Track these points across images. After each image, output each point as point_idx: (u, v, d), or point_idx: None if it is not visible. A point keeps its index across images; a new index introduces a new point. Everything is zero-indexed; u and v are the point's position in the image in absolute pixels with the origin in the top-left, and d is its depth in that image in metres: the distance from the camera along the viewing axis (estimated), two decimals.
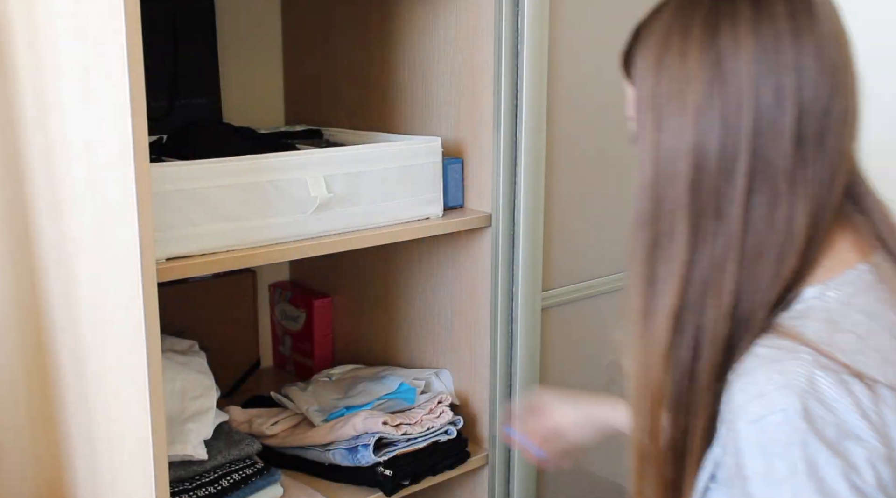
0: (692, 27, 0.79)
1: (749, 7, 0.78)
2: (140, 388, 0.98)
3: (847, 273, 0.80)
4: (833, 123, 0.78)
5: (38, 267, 1.13)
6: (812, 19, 0.78)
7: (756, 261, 0.78)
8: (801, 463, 0.71)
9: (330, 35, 1.56)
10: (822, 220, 0.79)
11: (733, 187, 0.77)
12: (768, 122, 0.76)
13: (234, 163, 1.09)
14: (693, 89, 0.78)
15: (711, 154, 0.77)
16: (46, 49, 1.03)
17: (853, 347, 0.74)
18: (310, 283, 1.71)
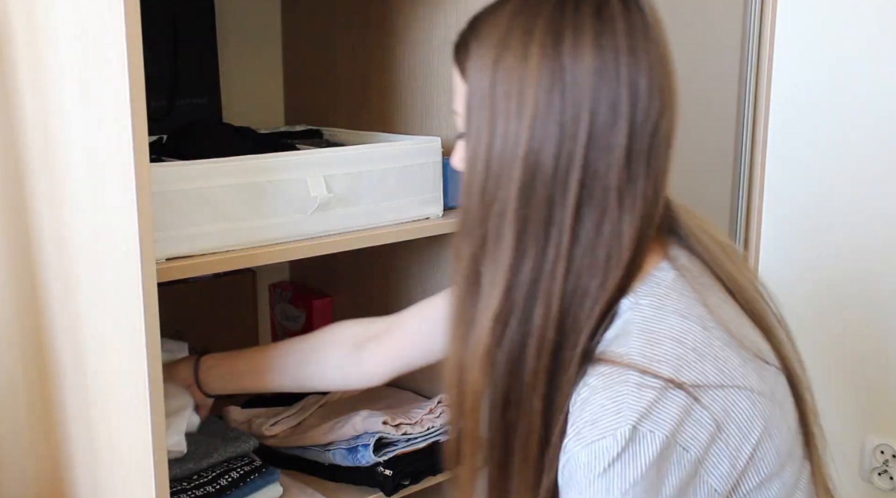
0: (534, 30, 0.78)
1: (592, 18, 0.78)
2: (140, 388, 0.98)
3: (652, 276, 0.83)
4: (659, 142, 0.79)
5: (38, 267, 1.13)
6: (647, 40, 0.79)
7: (583, 271, 0.79)
8: (615, 479, 0.75)
9: (330, 35, 1.56)
10: (646, 234, 0.81)
11: (565, 198, 0.78)
12: (603, 136, 0.77)
13: (234, 163, 1.09)
14: (532, 94, 0.77)
15: (546, 162, 0.77)
16: (46, 49, 1.03)
17: (674, 353, 0.78)
18: (310, 283, 1.71)
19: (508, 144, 0.79)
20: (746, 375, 0.80)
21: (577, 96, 0.77)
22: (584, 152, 0.77)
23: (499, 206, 0.80)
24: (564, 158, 0.77)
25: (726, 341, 0.81)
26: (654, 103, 0.78)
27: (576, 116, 0.77)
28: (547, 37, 0.78)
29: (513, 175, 0.79)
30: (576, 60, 0.77)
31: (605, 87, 0.77)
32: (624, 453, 0.74)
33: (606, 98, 0.77)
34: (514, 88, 0.78)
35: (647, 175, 0.79)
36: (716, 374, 0.78)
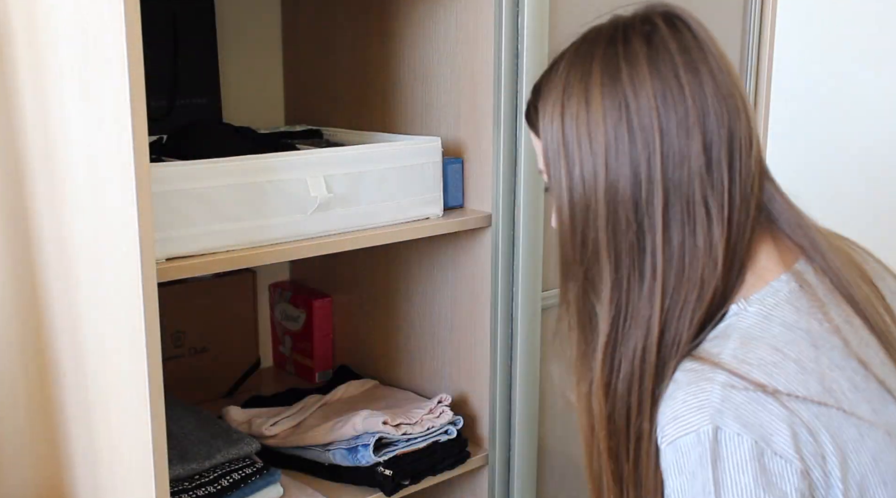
0: (591, 73, 0.82)
1: (643, 46, 0.81)
2: (140, 388, 0.98)
3: (769, 286, 0.82)
4: (739, 145, 0.81)
5: (38, 267, 1.13)
6: (702, 52, 0.82)
7: (680, 288, 0.80)
8: (710, 484, 0.73)
9: (330, 35, 1.56)
10: (741, 240, 0.81)
11: (652, 220, 0.80)
12: (678, 153, 0.79)
13: (234, 163, 1.09)
14: (601, 132, 0.80)
15: (625, 191, 0.80)
16: (46, 49, 1.03)
17: (770, 360, 0.76)
18: (310, 283, 1.71)
19: (587, 184, 0.81)
20: (855, 401, 0.76)
21: (643, 120, 0.79)
22: (662, 173, 0.79)
23: (592, 246, 0.82)
24: (644, 183, 0.79)
25: (839, 363, 0.78)
26: (723, 109, 0.80)
27: (647, 141, 0.79)
28: (605, 76, 0.81)
29: (598, 212, 0.81)
30: (636, 89, 0.80)
31: (670, 107, 0.79)
32: (712, 455, 0.72)
33: (674, 117, 0.79)
34: (584, 131, 0.81)
35: (731, 181, 0.80)
36: (819, 391, 0.75)
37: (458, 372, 1.43)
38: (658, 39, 0.82)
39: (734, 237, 0.81)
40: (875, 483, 0.76)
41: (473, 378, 1.40)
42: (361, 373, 1.60)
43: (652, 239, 0.80)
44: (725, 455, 0.72)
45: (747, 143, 0.82)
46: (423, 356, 1.49)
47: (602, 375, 0.83)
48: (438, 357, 1.46)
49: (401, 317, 1.52)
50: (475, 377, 1.40)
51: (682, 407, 0.75)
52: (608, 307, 0.82)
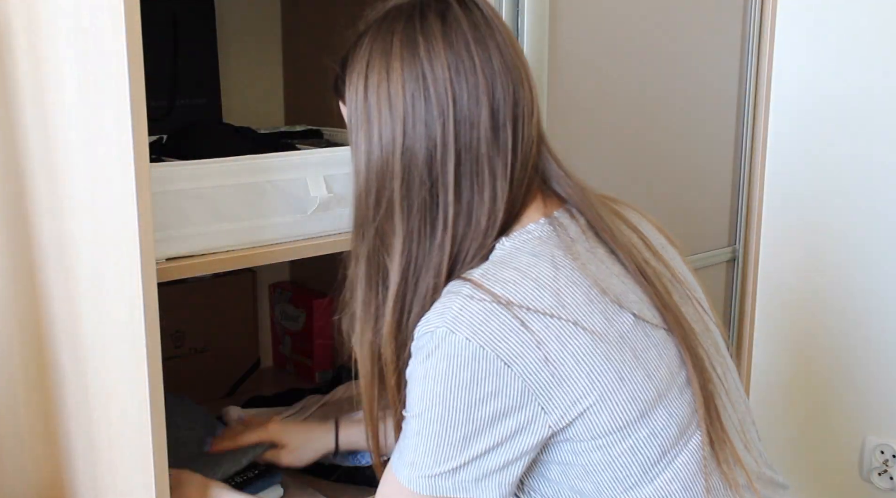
0: (392, 47, 0.92)
1: (438, 23, 0.91)
2: (140, 388, 0.98)
3: (526, 228, 0.94)
4: (522, 112, 0.92)
5: (38, 267, 1.13)
6: (490, 28, 0.92)
7: (466, 237, 0.92)
8: (429, 374, 0.86)
9: (330, 35, 1.56)
10: (518, 194, 0.93)
11: (444, 179, 0.90)
12: (468, 118, 0.90)
13: (234, 163, 1.09)
14: (400, 99, 0.90)
15: (420, 153, 0.90)
16: (46, 49, 1.03)
17: (511, 279, 0.87)
18: (310, 283, 1.71)
19: (385, 148, 0.92)
20: (589, 314, 0.87)
21: (438, 90, 0.89)
22: (455, 135, 0.89)
23: (386, 204, 0.92)
24: (439, 147, 0.90)
25: (575, 281, 0.88)
26: (509, 80, 0.91)
27: (441, 109, 0.89)
28: (404, 50, 0.91)
29: (394, 173, 0.91)
30: (432, 61, 0.90)
31: (462, 76, 0.90)
32: (437, 350, 0.85)
33: (466, 85, 0.90)
34: (384, 100, 0.91)
35: (515, 143, 0.92)
36: (552, 304, 0.86)
37: None
38: (451, 17, 0.91)
39: (514, 191, 0.92)
40: (612, 379, 0.86)
41: None
42: None
43: (444, 195, 0.91)
44: (451, 354, 0.84)
45: (529, 110, 0.93)
46: None
47: (392, 319, 0.94)
48: None
49: None
50: None
51: (432, 311, 0.88)
52: (399, 259, 0.93)
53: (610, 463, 0.87)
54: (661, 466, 0.88)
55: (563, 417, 0.86)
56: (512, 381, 0.84)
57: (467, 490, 0.88)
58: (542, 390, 0.85)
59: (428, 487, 0.89)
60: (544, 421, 0.86)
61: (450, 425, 0.86)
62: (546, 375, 0.85)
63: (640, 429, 0.87)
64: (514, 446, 0.87)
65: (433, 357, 0.86)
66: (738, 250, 1.98)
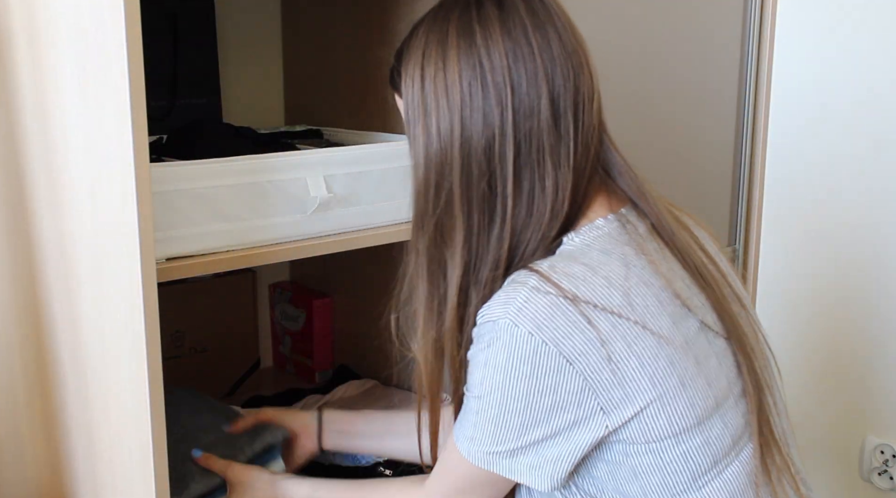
0: (448, 36, 0.89)
1: (495, 9, 0.89)
2: (140, 388, 0.98)
3: (594, 223, 0.92)
4: (582, 100, 0.90)
5: (38, 267, 1.13)
6: (548, 13, 0.90)
7: (526, 229, 0.90)
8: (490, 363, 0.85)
9: (330, 35, 1.56)
10: (581, 185, 0.91)
11: (503, 169, 0.88)
12: (528, 106, 0.87)
13: (234, 163, 1.09)
14: (457, 90, 0.88)
15: (478, 143, 0.88)
16: (46, 49, 1.03)
17: (580, 274, 0.86)
18: (310, 283, 1.71)
19: (444, 138, 0.89)
20: (658, 317, 0.85)
21: (496, 78, 0.87)
22: (514, 124, 0.87)
23: (446, 197, 0.91)
24: (497, 137, 0.87)
25: (647, 282, 0.87)
26: (569, 66, 0.89)
27: (499, 96, 0.87)
28: (460, 39, 0.88)
29: (453, 165, 0.89)
30: (489, 49, 0.87)
31: (520, 63, 0.87)
32: (498, 341, 0.84)
33: (524, 72, 0.87)
34: (441, 90, 0.89)
35: (576, 131, 0.89)
36: (621, 304, 0.84)
37: None
38: (509, 3, 0.89)
39: (577, 182, 0.90)
40: (674, 385, 0.85)
41: None
42: (361, 373, 1.61)
43: (503, 186, 0.89)
44: (513, 346, 0.83)
45: (590, 96, 0.90)
46: None
47: (455, 314, 0.93)
48: None
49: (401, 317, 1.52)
50: None
51: (495, 300, 0.86)
52: (460, 252, 0.91)
53: (660, 468, 0.86)
54: (710, 476, 0.87)
55: (620, 417, 0.84)
56: (573, 378, 0.83)
57: (521, 474, 0.88)
58: (602, 389, 0.83)
59: (486, 463, 0.89)
60: (601, 420, 0.85)
61: (508, 412, 0.85)
62: (608, 374, 0.83)
63: (694, 436, 0.86)
64: (570, 440, 0.85)
65: (494, 346, 0.84)
66: (738, 250, 1.98)
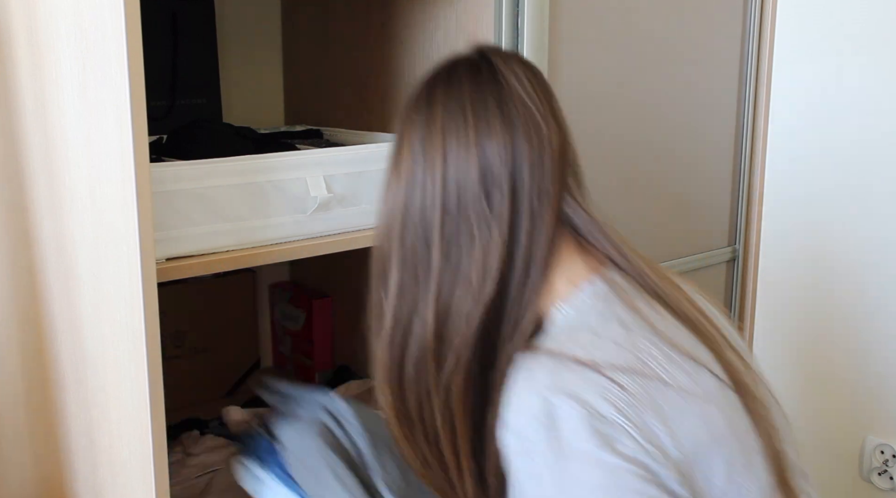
0: (410, 100, 0.95)
1: (442, 84, 0.93)
2: (140, 388, 0.98)
3: (581, 288, 0.91)
4: (527, 167, 0.90)
5: (38, 267, 1.13)
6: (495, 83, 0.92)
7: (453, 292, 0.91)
8: (551, 457, 0.79)
9: (330, 35, 1.56)
10: (532, 250, 0.91)
11: (433, 236, 0.91)
12: (455, 178, 0.90)
13: (234, 163, 1.09)
14: (405, 161, 0.93)
15: (413, 214, 0.92)
16: (46, 49, 1.03)
17: (589, 341, 0.85)
18: (310, 283, 1.71)
19: (391, 204, 0.94)
20: (673, 373, 0.83)
21: (433, 147, 0.91)
22: (442, 196, 0.90)
23: (386, 256, 0.96)
24: (429, 205, 0.91)
25: (651, 340, 0.86)
26: (506, 138, 0.90)
27: (433, 167, 0.91)
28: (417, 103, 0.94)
29: (394, 228, 0.94)
30: (429, 121, 0.92)
31: (452, 133, 0.90)
32: (548, 430, 0.79)
33: (455, 140, 0.90)
34: (393, 161, 0.94)
35: (514, 201, 0.90)
36: (637, 363, 0.82)
37: None
38: (455, 77, 0.93)
39: (518, 248, 0.90)
40: (706, 442, 0.82)
41: None
42: (361, 373, 1.61)
43: (433, 251, 0.91)
44: (561, 427, 0.78)
45: (538, 162, 0.91)
46: None
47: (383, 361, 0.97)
48: None
49: None
50: None
51: (514, 395, 0.82)
52: (391, 303, 0.96)
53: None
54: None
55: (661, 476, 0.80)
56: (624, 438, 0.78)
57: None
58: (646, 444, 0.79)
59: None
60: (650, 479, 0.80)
61: None
62: (650, 434, 0.79)
63: (728, 494, 0.83)
64: None
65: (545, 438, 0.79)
66: (738, 250, 1.98)
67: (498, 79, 0.92)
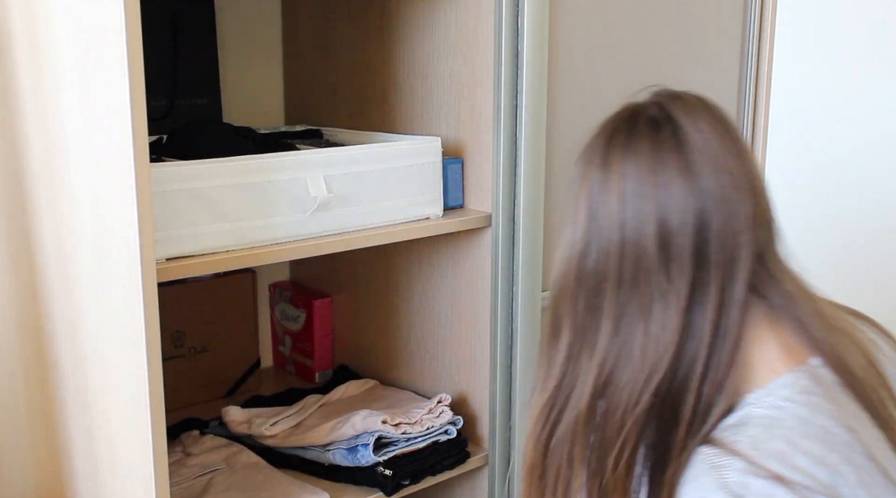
0: (591, 149, 0.89)
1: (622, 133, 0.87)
2: (140, 388, 0.98)
3: (783, 378, 0.83)
4: (708, 236, 0.83)
5: (38, 267, 1.13)
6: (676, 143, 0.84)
7: (623, 367, 0.84)
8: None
9: (330, 35, 1.56)
10: (724, 325, 0.83)
11: (604, 303, 0.85)
12: (634, 240, 0.83)
13: (234, 163, 1.09)
14: (579, 221, 0.86)
15: (587, 268, 0.85)
16: (46, 49, 1.03)
17: (784, 451, 0.78)
18: (310, 283, 1.71)
19: (566, 250, 0.88)
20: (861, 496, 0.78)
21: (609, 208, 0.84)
22: (618, 263, 0.83)
23: (563, 307, 0.88)
24: (603, 265, 0.84)
25: (848, 458, 0.79)
26: (691, 201, 0.82)
27: (608, 233, 0.84)
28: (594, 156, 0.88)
29: (567, 286, 0.87)
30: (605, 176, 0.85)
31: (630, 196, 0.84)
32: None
33: (636, 205, 0.83)
34: (572, 204, 0.87)
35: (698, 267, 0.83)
36: (828, 484, 0.77)
37: (458, 372, 1.43)
38: (640, 128, 0.86)
39: (702, 324, 0.83)
40: None
41: (473, 378, 1.40)
42: (361, 373, 1.61)
43: (604, 317, 0.85)
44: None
45: (730, 231, 0.83)
46: (423, 356, 1.49)
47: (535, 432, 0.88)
48: (438, 357, 1.46)
49: (401, 317, 1.52)
50: (475, 377, 1.40)
51: (705, 490, 0.77)
52: (560, 367, 0.87)
53: None
54: None
55: None
56: None
57: None
58: None
59: None
60: None
61: None
62: None
63: None
64: None
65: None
66: None
67: (680, 137, 0.85)
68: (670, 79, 1.71)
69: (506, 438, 1.39)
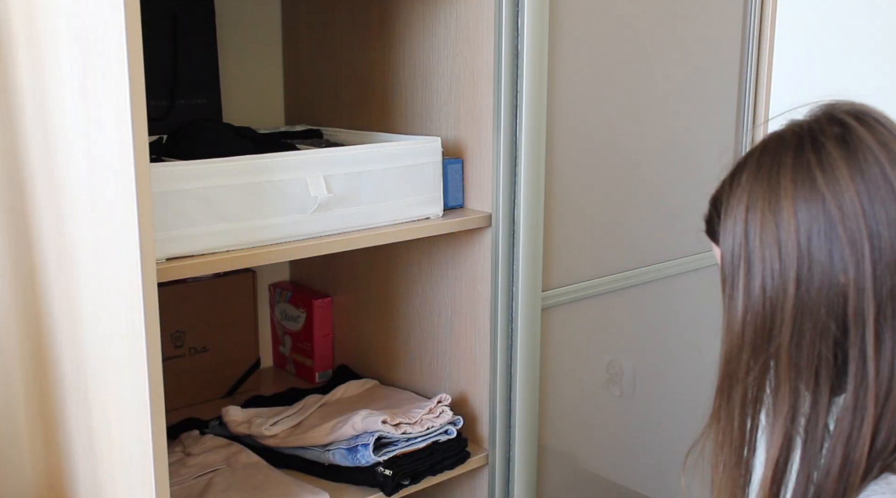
0: (780, 184, 0.77)
1: (838, 149, 0.77)
2: (140, 388, 0.98)
3: None
4: None
5: (38, 267, 1.13)
6: None
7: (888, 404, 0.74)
8: None
9: (330, 35, 1.56)
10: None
11: (860, 331, 0.74)
12: (891, 256, 0.74)
13: (234, 163, 1.09)
14: (792, 241, 0.76)
15: (820, 304, 0.74)
16: (46, 49, 1.03)
17: None
18: (310, 283, 1.71)
19: (772, 297, 0.77)
20: None
21: (849, 226, 0.74)
22: (873, 277, 0.73)
23: (765, 359, 0.78)
24: (852, 292, 0.74)
25: None
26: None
27: (854, 246, 0.74)
28: (797, 186, 0.77)
29: (783, 326, 0.76)
30: (837, 194, 0.75)
31: (878, 207, 0.74)
32: None
33: (884, 217, 0.74)
34: (771, 243, 0.77)
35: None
36: None
37: (458, 372, 1.43)
38: (855, 139, 0.77)
39: None
40: None
41: (473, 378, 1.40)
42: (361, 373, 1.61)
43: (861, 351, 0.74)
44: None
45: None
46: (423, 356, 1.49)
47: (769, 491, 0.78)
48: (438, 357, 1.46)
49: (401, 317, 1.52)
50: (475, 377, 1.40)
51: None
52: (781, 429, 0.77)
53: None
54: None
55: None
56: None
57: None
58: None
59: None
60: None
61: None
62: None
63: None
64: None
65: None
66: None
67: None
68: (670, 79, 1.71)
69: (506, 438, 1.39)
